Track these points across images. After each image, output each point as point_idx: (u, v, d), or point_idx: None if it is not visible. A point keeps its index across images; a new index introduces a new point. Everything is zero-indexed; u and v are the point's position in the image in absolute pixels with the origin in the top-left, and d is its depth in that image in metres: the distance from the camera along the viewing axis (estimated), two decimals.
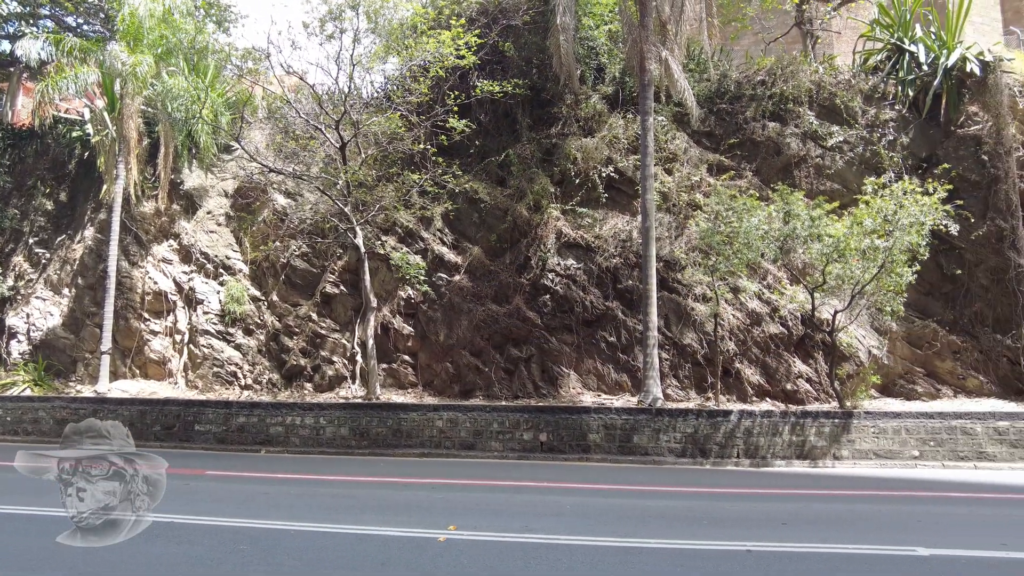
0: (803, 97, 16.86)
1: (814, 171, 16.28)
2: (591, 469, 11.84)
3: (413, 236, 17.26)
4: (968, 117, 16.14)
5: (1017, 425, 12.18)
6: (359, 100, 17.31)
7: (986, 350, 14.74)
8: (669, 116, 17.26)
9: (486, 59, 17.42)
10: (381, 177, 17.01)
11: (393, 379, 16.47)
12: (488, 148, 17.94)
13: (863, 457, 12.21)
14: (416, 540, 6.43)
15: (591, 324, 15.66)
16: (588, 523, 7.15)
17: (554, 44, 15.63)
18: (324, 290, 17.26)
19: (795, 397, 14.39)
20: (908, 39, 16.97)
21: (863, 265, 12.55)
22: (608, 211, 16.84)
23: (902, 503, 8.88)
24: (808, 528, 7.01)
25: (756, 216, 13.17)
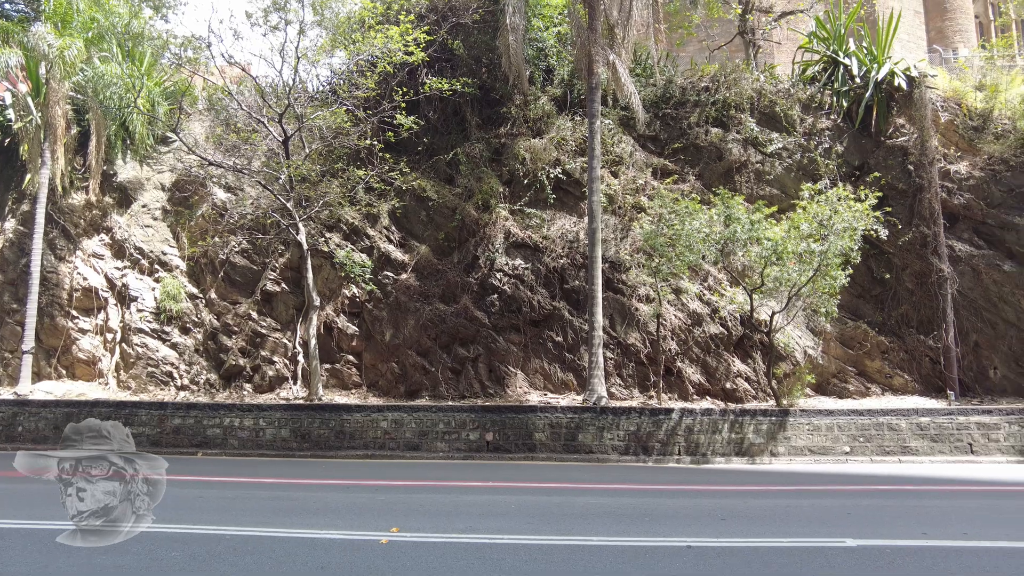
0: (745, 104, 17.36)
1: (754, 176, 16.78)
2: (537, 468, 11.89)
3: (358, 233, 16.98)
4: (896, 128, 16.94)
5: (937, 421, 12.85)
6: (304, 94, 16.91)
7: (911, 350, 15.49)
8: (616, 120, 17.50)
9: (435, 56, 17.29)
10: (326, 172, 16.66)
11: (336, 380, 16.16)
12: (436, 146, 17.81)
13: (798, 454, 12.66)
14: (357, 543, 6.31)
15: (538, 324, 15.73)
16: (533, 522, 7.16)
17: (503, 44, 15.63)
18: (265, 288, 16.79)
19: (734, 396, 14.80)
20: (843, 52, 17.70)
21: (800, 268, 13.00)
22: (556, 212, 16.95)
23: (834, 497, 9.23)
24: (746, 523, 7.20)
25: (698, 219, 13.49)
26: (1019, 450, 12.73)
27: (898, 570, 5.30)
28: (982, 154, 16.52)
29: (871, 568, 5.38)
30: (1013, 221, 15.65)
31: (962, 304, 15.49)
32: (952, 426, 12.86)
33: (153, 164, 19.13)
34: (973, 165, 16.46)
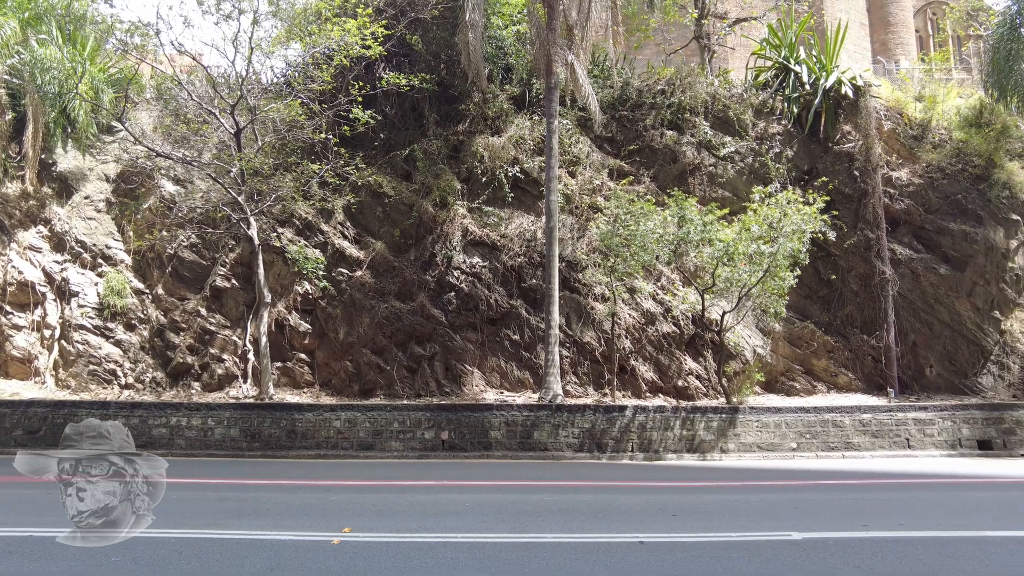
0: (699, 108, 17.69)
1: (707, 179, 17.13)
2: (492, 466, 11.89)
3: (312, 229, 16.67)
4: (843, 135, 17.53)
5: (878, 417, 13.36)
6: (257, 85, 16.50)
7: (855, 349, 16.05)
8: (573, 120, 17.62)
9: (393, 51, 17.10)
10: (279, 166, 16.29)
11: (288, 378, 15.83)
12: (393, 141, 17.62)
13: (747, 450, 12.98)
14: (308, 543, 6.19)
15: (495, 322, 15.72)
16: (487, 520, 7.15)
17: (463, 41, 15.56)
18: (215, 284, 16.34)
19: (686, 393, 15.08)
20: (794, 60, 18.21)
21: (750, 269, 13.33)
22: (514, 211, 16.97)
23: (781, 492, 9.49)
24: (697, 518, 7.34)
25: (652, 220, 13.70)
26: (951, 444, 13.34)
27: (840, 561, 5.48)
28: (921, 162, 17.24)
29: (815, 559, 5.54)
30: (948, 227, 16.37)
31: (902, 305, 16.13)
32: (892, 422, 13.39)
33: (97, 154, 18.38)
34: (913, 172, 17.16)
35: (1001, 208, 16.49)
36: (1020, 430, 13.53)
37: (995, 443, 13.42)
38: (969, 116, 17.73)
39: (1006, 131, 17.22)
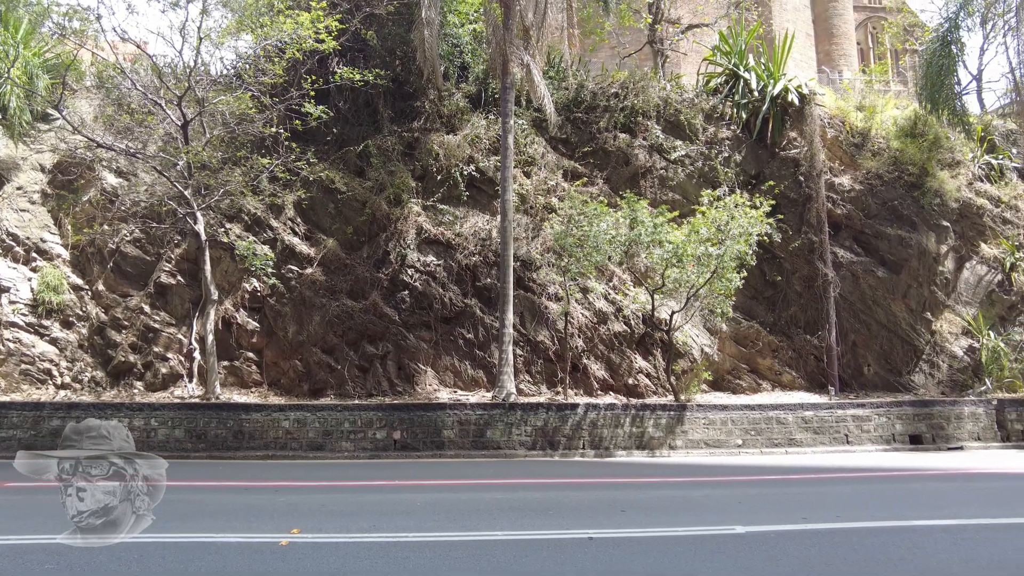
0: (651, 112, 18.03)
1: (658, 182, 17.47)
2: (445, 465, 11.87)
3: (261, 225, 16.31)
4: (789, 141, 18.12)
5: (819, 415, 13.87)
6: (206, 77, 16.05)
7: (798, 348, 16.62)
8: (529, 121, 17.72)
9: (347, 46, 16.87)
10: (227, 160, 15.88)
11: (236, 378, 15.46)
12: (347, 137, 17.40)
13: (695, 446, 13.30)
14: (255, 545, 6.07)
15: (449, 321, 15.69)
16: (439, 519, 7.15)
17: (418, 38, 15.47)
18: (159, 280, 15.82)
19: (636, 391, 15.35)
20: (743, 67, 18.74)
21: (698, 270, 13.66)
22: (469, 209, 16.97)
23: (726, 487, 9.76)
24: (645, 514, 7.49)
25: (605, 221, 13.91)
26: (886, 439, 13.95)
27: (780, 553, 5.69)
28: (861, 169, 17.96)
29: (757, 552, 5.73)
30: (886, 231, 17.10)
31: (843, 306, 16.78)
32: (832, 419, 13.91)
33: (31, 143, 17.57)
34: (854, 179, 17.87)
35: (933, 215, 17.32)
36: (947, 425, 14.25)
37: (925, 438, 14.10)
38: (905, 127, 18.57)
39: (938, 142, 18.10)
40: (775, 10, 31.14)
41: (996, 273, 17.79)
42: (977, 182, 18.58)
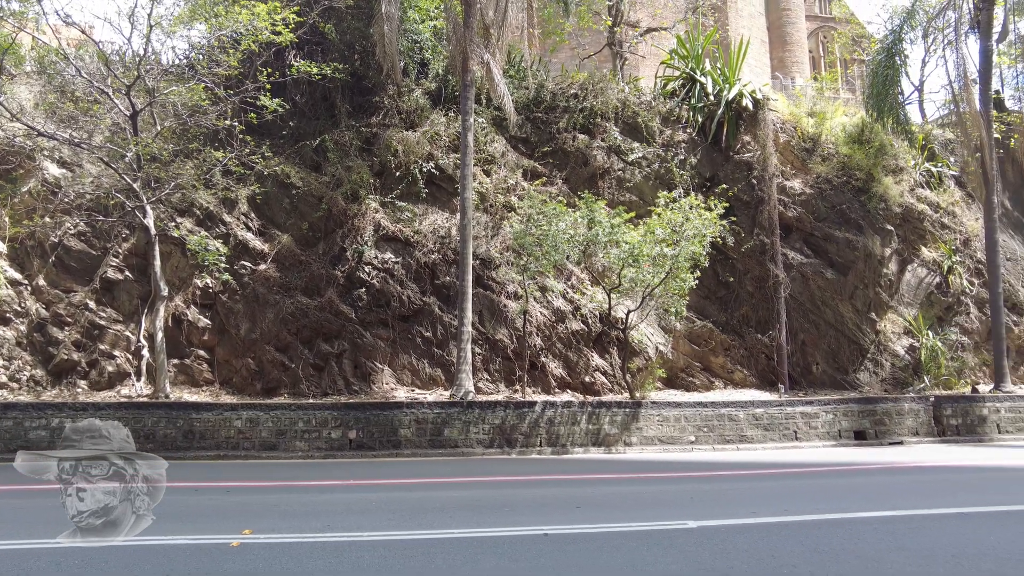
0: (610, 114, 18.24)
1: (616, 183, 17.69)
2: (401, 464, 11.80)
3: (214, 219, 15.92)
4: (743, 145, 18.56)
5: (770, 412, 14.25)
6: (157, 66, 15.57)
7: (749, 347, 17.05)
8: (489, 119, 17.73)
9: (305, 39, 16.60)
10: (179, 152, 15.44)
11: (186, 376, 15.06)
12: (303, 131, 17.11)
13: (649, 443, 13.52)
14: (205, 547, 5.94)
15: (407, 319, 15.59)
16: (394, 518, 7.10)
17: (378, 33, 15.32)
18: (106, 275, 15.28)
19: (593, 389, 15.52)
20: (700, 71, 19.11)
21: (654, 270, 13.89)
22: (428, 206, 16.89)
23: (679, 483, 9.96)
24: (599, 510, 7.58)
25: (564, 221, 14.02)
26: (832, 435, 14.43)
27: (730, 546, 5.83)
28: (812, 173, 18.52)
29: (707, 545, 5.87)
30: (834, 234, 17.68)
31: (792, 307, 17.28)
32: (782, 416, 14.31)
33: None
34: (805, 183, 18.41)
35: (878, 219, 17.98)
36: (889, 421, 14.82)
37: (869, 433, 14.64)
38: (853, 133, 19.23)
39: (883, 149, 18.80)
40: (731, 16, 31.84)
41: (935, 275, 18.58)
42: (918, 188, 19.37)
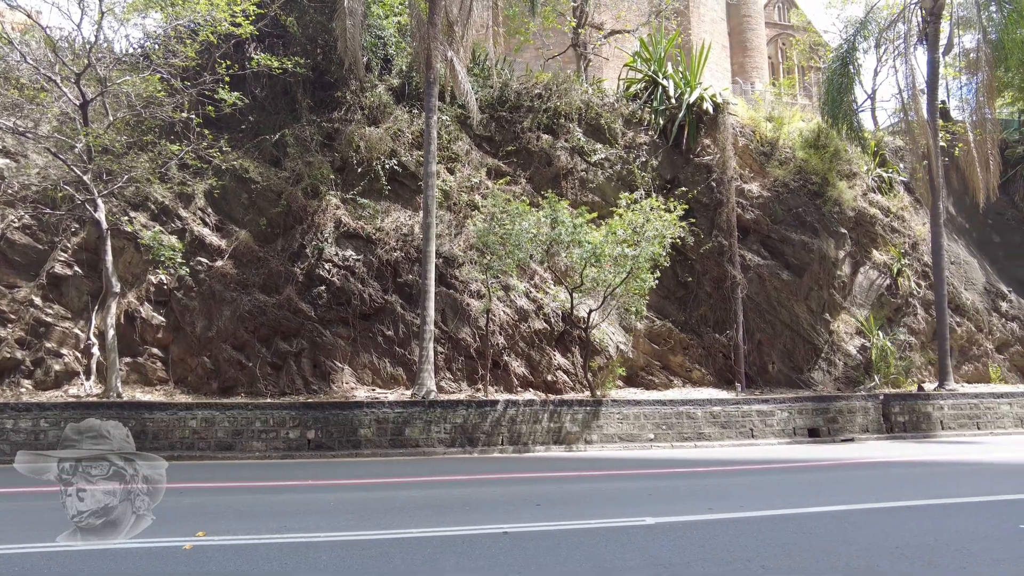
0: (574, 114, 18.36)
1: (579, 183, 17.82)
2: (361, 464, 11.68)
3: (169, 214, 15.50)
4: (703, 148, 18.88)
5: (727, 410, 14.54)
6: (109, 54, 15.08)
7: (707, 346, 17.37)
8: (453, 117, 17.67)
9: (266, 31, 16.29)
10: (133, 145, 15.00)
11: (139, 375, 14.63)
12: (263, 125, 16.79)
13: (610, 441, 13.66)
14: (157, 550, 5.78)
15: (368, 317, 15.43)
16: (352, 518, 7.03)
17: (340, 27, 15.12)
18: (53, 270, 14.73)
19: (555, 387, 15.61)
20: (662, 74, 19.37)
21: (615, 270, 14.04)
22: (391, 204, 16.74)
23: (638, 480, 10.09)
24: (559, 507, 7.64)
25: (527, 220, 14.07)
26: (787, 433, 14.79)
27: (686, 542, 5.93)
28: (769, 177, 18.96)
29: (664, 541, 5.96)
30: (790, 236, 18.13)
31: (749, 307, 17.67)
32: (738, 414, 14.62)
33: None
34: (763, 186, 18.83)
35: (832, 222, 18.50)
36: (841, 419, 15.27)
37: (822, 431, 15.06)
38: (809, 138, 19.75)
39: (838, 154, 19.35)
40: (693, 21, 32.36)
41: (885, 278, 19.21)
42: (871, 193, 20.01)
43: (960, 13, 20.08)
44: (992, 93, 19.40)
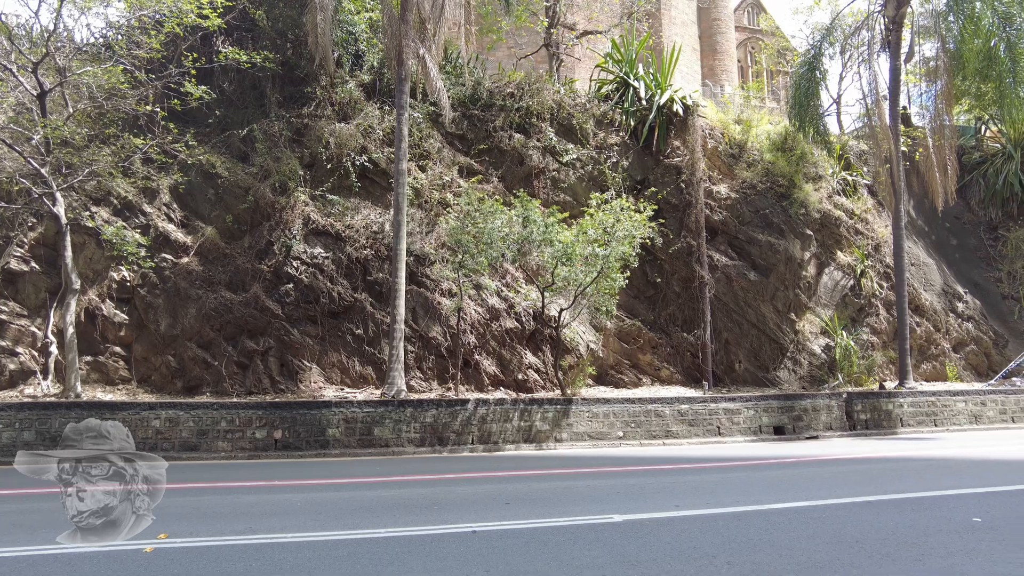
0: (546, 114, 18.41)
1: (551, 183, 17.88)
2: (329, 464, 11.55)
3: (133, 209, 15.14)
4: (673, 149, 19.09)
5: (694, 408, 14.72)
6: (69, 44, 14.67)
7: (676, 345, 17.57)
8: (425, 114, 17.58)
9: (234, 24, 16.02)
10: (94, 137, 14.61)
11: (100, 374, 14.27)
12: (231, 120, 16.50)
13: (579, 439, 13.73)
14: (117, 554, 5.63)
15: (337, 316, 15.27)
16: (319, 518, 6.95)
17: (311, 22, 14.93)
18: (8, 266, 14.28)
19: (525, 386, 15.64)
20: (633, 76, 19.53)
21: (586, 270, 14.12)
22: (361, 201, 16.59)
23: (607, 478, 10.15)
24: (528, 506, 7.65)
25: (499, 219, 14.07)
26: (753, 430, 15.04)
27: (653, 539, 5.99)
28: (737, 179, 19.24)
29: (632, 539, 6.01)
30: (757, 237, 18.43)
31: (717, 307, 17.92)
32: (705, 412, 14.81)
33: None
34: (731, 187, 19.10)
35: (798, 223, 18.85)
36: (806, 417, 15.58)
37: (787, 428, 15.34)
38: (776, 141, 20.10)
39: (804, 157, 19.73)
40: (665, 23, 32.70)
41: (849, 278, 19.65)
42: (836, 196, 20.44)
43: (921, 22, 20.64)
44: (950, 101, 19.97)
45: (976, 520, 6.66)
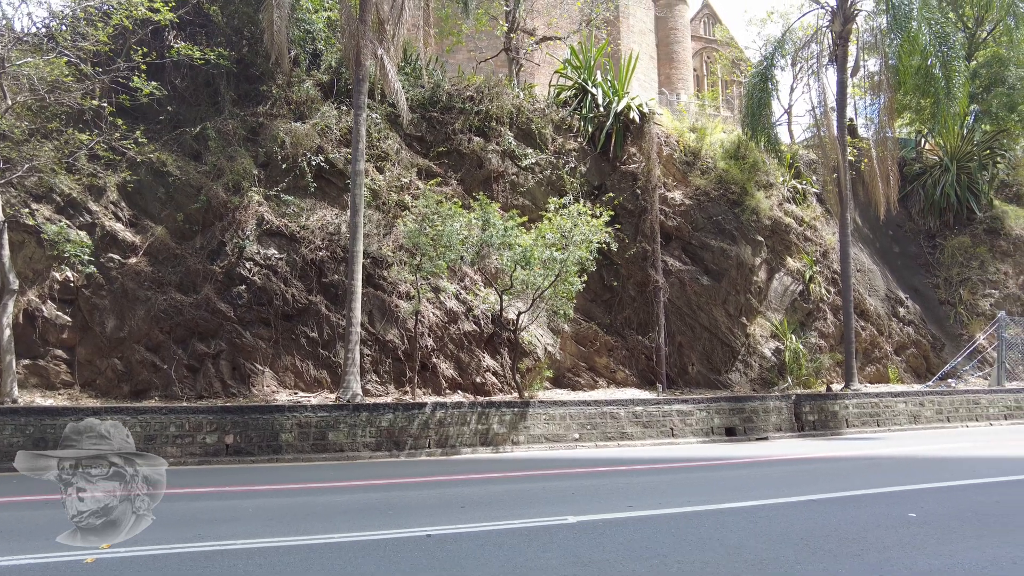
0: (505, 118, 18.49)
1: (510, 186, 17.96)
2: (281, 470, 11.36)
3: (77, 207, 14.61)
4: (629, 156, 19.39)
5: (648, 410, 14.97)
6: (8, 32, 14.08)
7: (631, 348, 17.83)
8: (383, 115, 17.46)
9: (187, 19, 15.63)
10: (35, 132, 14.06)
11: (40, 378, 13.71)
12: (183, 117, 16.09)
13: (536, 441, 13.81)
14: (56, 566, 5.44)
15: (292, 318, 15.02)
16: (271, 524, 6.83)
17: (267, 19, 14.67)
18: None
19: (483, 389, 15.65)
20: (591, 82, 19.77)
21: (544, 273, 14.24)
22: (317, 201, 16.36)
23: (562, 480, 10.24)
24: (484, 509, 7.67)
25: (458, 222, 14.07)
26: (705, 432, 15.37)
27: (607, 539, 6.08)
28: (692, 185, 19.65)
29: (585, 539, 6.09)
30: (710, 243, 18.85)
31: (671, 310, 18.26)
32: (659, 414, 15.07)
33: None
34: (685, 194, 19.50)
35: (750, 230, 19.35)
36: (756, 418, 16.00)
37: (738, 430, 15.73)
38: (730, 149, 20.60)
39: (756, 165, 20.27)
40: (623, 31, 33.20)
41: (799, 284, 20.26)
42: (786, 203, 21.06)
43: (866, 38, 21.44)
44: (892, 114, 20.80)
45: (911, 515, 6.96)
